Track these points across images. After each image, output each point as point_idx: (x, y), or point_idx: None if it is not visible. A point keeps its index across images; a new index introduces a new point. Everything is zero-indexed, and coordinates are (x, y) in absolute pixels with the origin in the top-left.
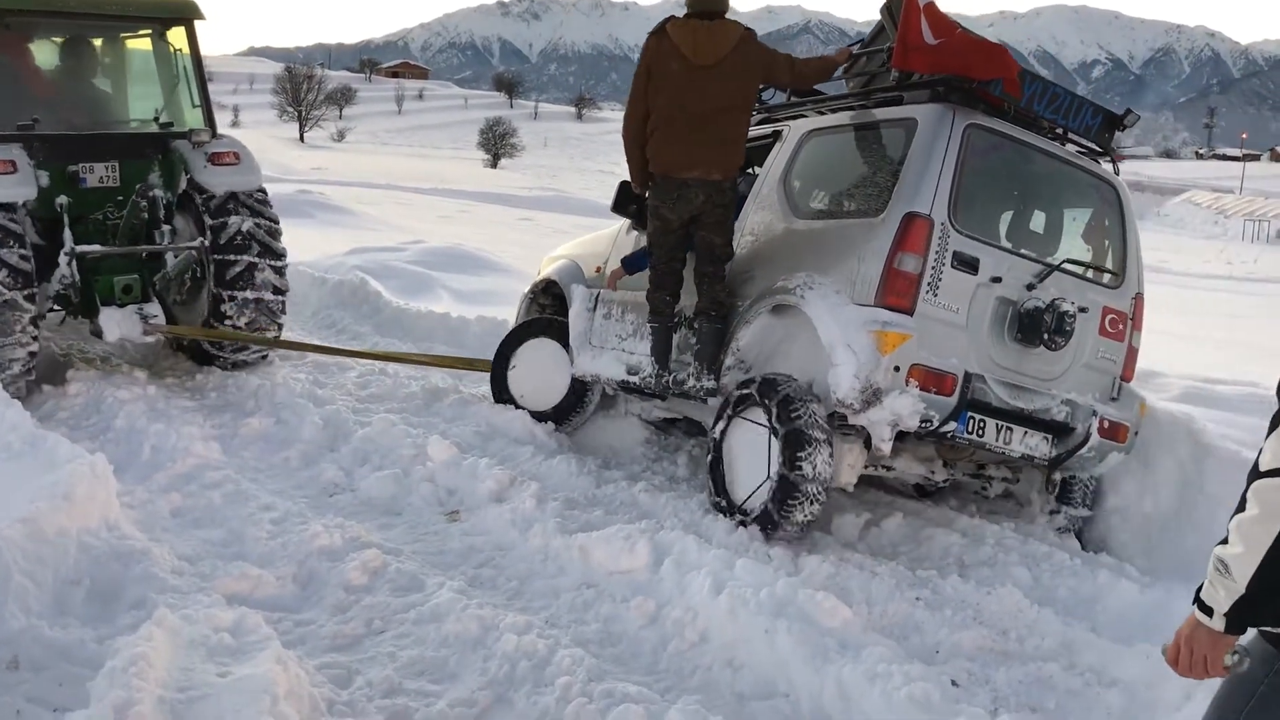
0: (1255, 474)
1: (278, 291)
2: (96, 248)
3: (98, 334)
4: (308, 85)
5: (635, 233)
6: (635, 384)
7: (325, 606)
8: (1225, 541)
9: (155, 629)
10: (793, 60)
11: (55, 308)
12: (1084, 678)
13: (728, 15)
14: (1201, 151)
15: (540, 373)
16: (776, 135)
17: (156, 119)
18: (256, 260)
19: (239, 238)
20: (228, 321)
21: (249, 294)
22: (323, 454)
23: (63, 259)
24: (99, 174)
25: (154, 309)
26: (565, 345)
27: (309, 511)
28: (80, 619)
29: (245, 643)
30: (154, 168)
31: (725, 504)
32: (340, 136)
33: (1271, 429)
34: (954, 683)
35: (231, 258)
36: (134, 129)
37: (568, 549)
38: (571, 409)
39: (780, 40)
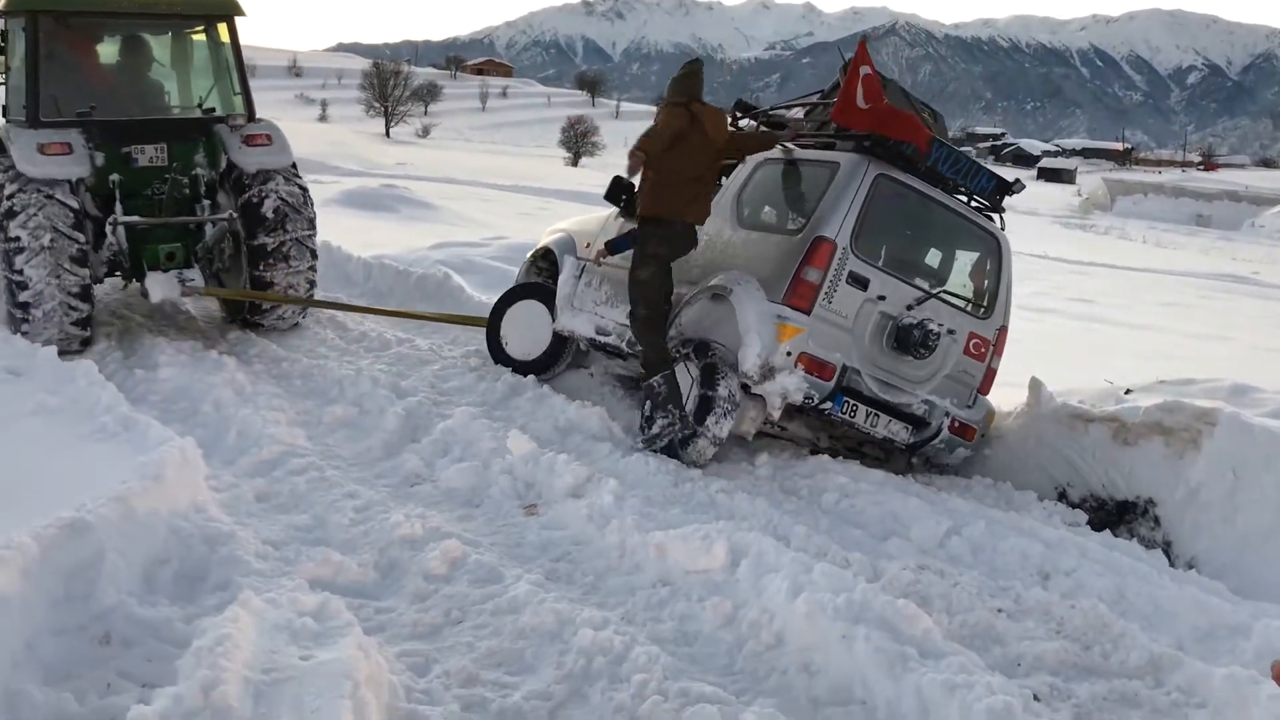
0: None
1: (306, 247)
2: (138, 218)
3: (145, 295)
4: (394, 81)
5: (621, 220)
6: (601, 343)
7: (405, 595)
8: None
9: (241, 611)
10: (746, 136)
11: (114, 274)
12: (1171, 697)
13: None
14: None
15: (528, 329)
16: (740, 159)
17: (200, 105)
18: (284, 223)
19: (265, 205)
20: (262, 279)
21: (280, 249)
22: (404, 444)
23: (108, 228)
24: (149, 155)
25: (193, 274)
26: (550, 307)
27: (391, 500)
28: (169, 598)
29: (327, 627)
30: (198, 149)
31: (651, 432)
32: (425, 132)
33: None
34: (1036, 697)
35: (261, 222)
36: (180, 114)
37: (644, 546)
38: (551, 361)
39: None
